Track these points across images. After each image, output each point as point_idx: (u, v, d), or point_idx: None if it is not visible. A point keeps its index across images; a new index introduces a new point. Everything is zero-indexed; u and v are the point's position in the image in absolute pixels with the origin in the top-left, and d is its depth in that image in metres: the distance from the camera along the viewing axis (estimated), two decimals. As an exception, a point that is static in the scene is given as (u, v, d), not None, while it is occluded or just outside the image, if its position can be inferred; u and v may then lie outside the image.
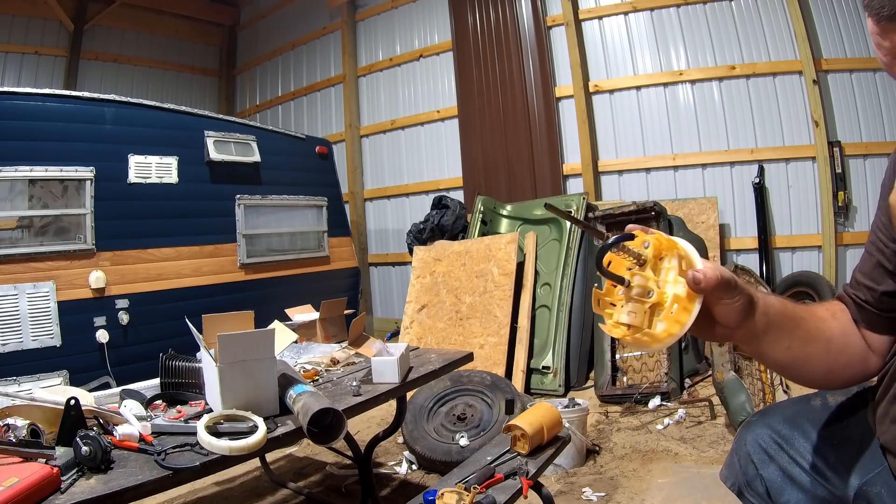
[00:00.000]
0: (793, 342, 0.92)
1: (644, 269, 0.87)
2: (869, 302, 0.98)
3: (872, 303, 0.98)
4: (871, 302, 0.98)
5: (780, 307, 0.91)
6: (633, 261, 0.87)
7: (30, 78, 6.60)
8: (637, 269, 0.87)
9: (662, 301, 0.84)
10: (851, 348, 0.97)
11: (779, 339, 0.90)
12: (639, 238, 0.88)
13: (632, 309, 0.86)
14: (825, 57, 4.38)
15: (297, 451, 3.17)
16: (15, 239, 3.34)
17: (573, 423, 2.68)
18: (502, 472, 1.77)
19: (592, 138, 5.24)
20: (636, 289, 0.86)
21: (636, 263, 0.87)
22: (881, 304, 0.96)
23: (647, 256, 0.87)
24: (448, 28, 6.06)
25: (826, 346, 0.95)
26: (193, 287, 4.06)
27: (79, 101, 3.65)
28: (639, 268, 0.87)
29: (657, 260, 0.87)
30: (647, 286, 0.85)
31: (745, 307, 0.85)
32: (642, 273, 0.86)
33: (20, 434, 1.31)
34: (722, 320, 0.86)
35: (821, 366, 0.96)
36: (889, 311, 0.96)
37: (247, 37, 8.49)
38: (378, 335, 5.13)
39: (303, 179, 4.96)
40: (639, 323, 0.85)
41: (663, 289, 0.85)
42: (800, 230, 4.52)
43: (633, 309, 0.85)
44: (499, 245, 4.33)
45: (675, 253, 0.85)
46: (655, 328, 0.84)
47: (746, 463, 1.09)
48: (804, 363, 0.94)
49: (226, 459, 1.36)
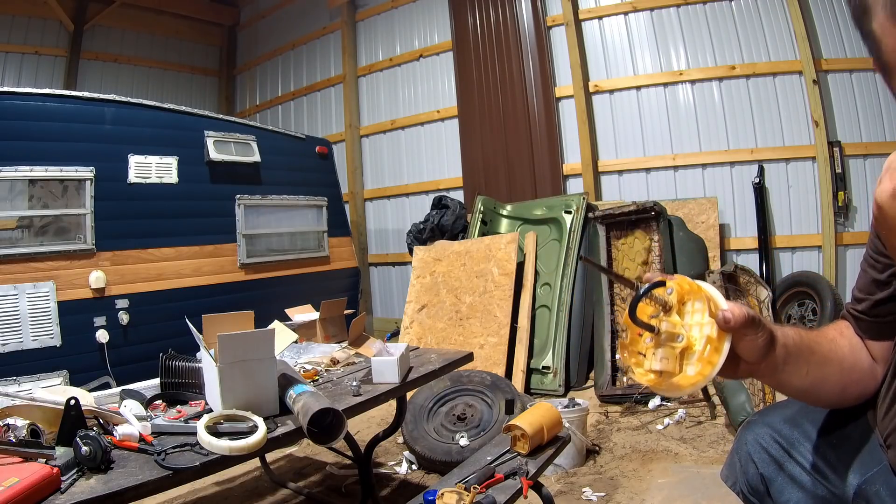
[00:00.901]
0: (810, 367, 0.95)
1: (670, 315, 0.89)
2: (866, 312, 1.03)
3: (869, 312, 1.02)
4: (867, 312, 1.03)
5: (797, 337, 0.94)
6: (657, 307, 0.89)
7: (30, 78, 6.60)
8: (662, 315, 0.89)
9: (691, 345, 0.86)
10: (861, 363, 1.01)
11: (798, 367, 0.93)
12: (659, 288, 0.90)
13: (663, 355, 0.87)
14: (825, 57, 4.38)
15: (297, 451, 3.17)
16: (15, 239, 3.34)
17: (573, 423, 2.68)
18: (502, 472, 1.77)
19: (592, 138, 5.24)
20: (664, 334, 0.87)
21: (661, 310, 0.89)
22: (877, 312, 1.01)
23: (672, 302, 0.89)
24: (448, 28, 6.06)
25: (840, 365, 0.99)
26: (193, 287, 4.06)
27: (79, 101, 3.65)
28: (664, 314, 0.89)
29: (680, 305, 0.89)
30: (676, 331, 0.87)
31: (767, 341, 0.88)
32: (668, 319, 0.88)
33: (20, 434, 1.31)
34: (747, 356, 0.88)
35: (836, 384, 0.99)
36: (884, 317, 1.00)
37: (247, 37, 8.48)
38: (378, 335, 5.13)
39: (303, 179, 4.95)
40: (671, 368, 0.86)
41: (690, 332, 0.87)
42: (800, 230, 4.52)
43: (665, 355, 0.87)
44: (499, 245, 4.33)
45: (700, 296, 0.88)
46: (687, 371, 0.86)
47: (747, 462, 1.10)
48: (821, 385, 0.98)
49: (226, 459, 1.36)
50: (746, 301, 3.85)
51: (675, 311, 0.89)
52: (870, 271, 1.03)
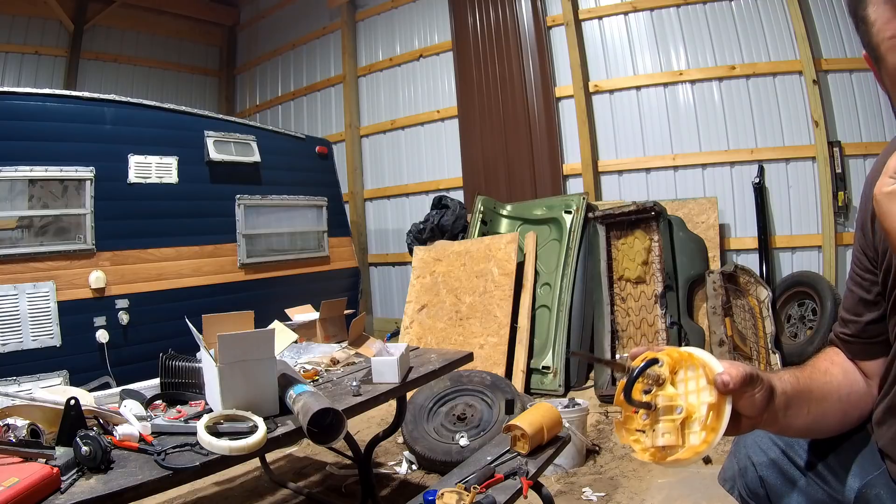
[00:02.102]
0: (811, 406, 0.95)
1: (664, 388, 0.87)
2: (856, 335, 1.03)
3: (859, 334, 1.02)
4: (857, 334, 1.02)
5: (794, 381, 0.94)
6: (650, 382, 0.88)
7: (30, 78, 6.59)
8: (656, 390, 0.88)
9: (691, 413, 0.84)
10: (858, 386, 1.01)
11: (799, 409, 0.93)
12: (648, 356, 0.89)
13: (665, 430, 0.86)
14: (825, 57, 4.37)
15: (297, 451, 3.17)
16: (15, 239, 3.33)
17: (573, 423, 2.68)
18: (502, 472, 1.77)
19: (592, 138, 5.24)
20: (662, 409, 0.87)
21: (654, 384, 0.88)
22: (867, 333, 1.01)
23: (665, 375, 0.88)
24: (448, 28, 6.06)
25: (837, 395, 0.99)
26: (193, 287, 4.06)
27: (79, 101, 3.64)
28: (657, 388, 0.88)
29: (673, 375, 0.88)
30: (674, 403, 0.86)
31: (767, 395, 0.87)
32: (663, 392, 0.87)
33: (20, 434, 1.31)
34: (748, 412, 0.87)
35: (837, 414, 0.99)
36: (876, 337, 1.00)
37: (247, 37, 8.48)
38: (378, 335, 5.13)
39: (303, 179, 4.95)
40: (675, 442, 0.85)
41: (688, 401, 0.85)
42: (800, 230, 4.52)
43: (667, 429, 0.86)
44: (499, 245, 4.33)
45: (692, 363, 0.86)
46: (690, 441, 0.84)
47: (745, 465, 1.10)
48: (822, 420, 0.98)
49: (226, 459, 1.36)
50: (746, 301, 3.85)
51: (669, 383, 0.88)
52: (856, 290, 1.02)
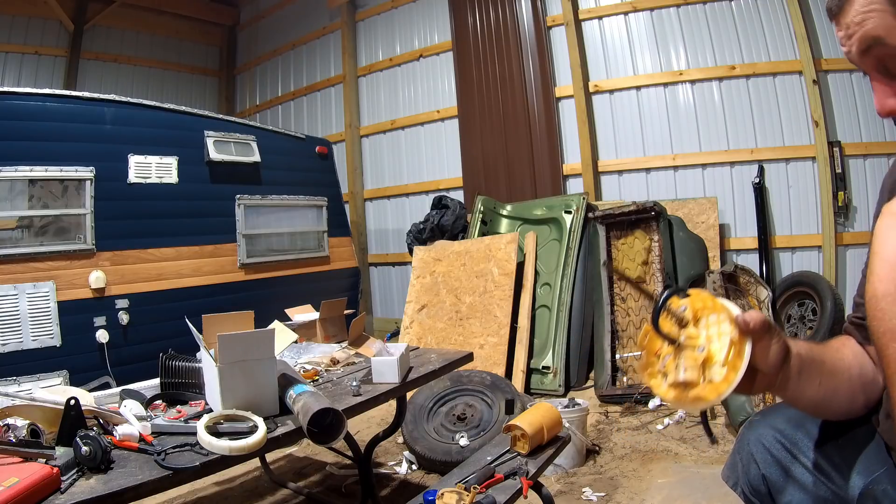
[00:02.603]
0: (822, 378, 0.96)
1: (686, 329, 0.91)
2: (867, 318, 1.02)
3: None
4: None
5: (808, 347, 0.96)
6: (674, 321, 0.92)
7: (30, 78, 6.59)
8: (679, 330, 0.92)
9: (712, 356, 0.87)
10: (866, 371, 1.01)
11: (811, 377, 0.94)
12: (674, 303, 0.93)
13: (687, 364, 0.89)
14: (825, 57, 4.37)
15: (297, 451, 3.17)
16: (15, 239, 3.33)
17: (573, 423, 2.68)
18: (502, 472, 1.77)
19: (592, 138, 5.24)
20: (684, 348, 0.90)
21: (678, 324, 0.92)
22: None
23: (688, 318, 0.92)
24: (448, 28, 6.06)
25: (847, 374, 1.00)
26: (193, 287, 4.06)
27: (79, 101, 3.64)
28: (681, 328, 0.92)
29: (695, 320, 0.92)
30: (696, 342, 0.89)
31: (784, 348, 0.89)
32: (686, 332, 0.91)
33: (20, 434, 1.31)
34: (764, 364, 0.88)
35: (846, 394, 1.00)
36: None
37: (247, 37, 8.48)
38: (378, 335, 5.13)
39: (303, 179, 4.95)
40: (695, 377, 0.88)
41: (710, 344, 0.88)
42: (800, 230, 4.52)
43: (688, 364, 0.89)
44: (499, 245, 4.33)
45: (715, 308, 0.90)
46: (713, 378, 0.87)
47: (749, 462, 1.09)
48: (833, 396, 0.98)
49: (226, 459, 1.36)
50: (746, 301, 3.85)
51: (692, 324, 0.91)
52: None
